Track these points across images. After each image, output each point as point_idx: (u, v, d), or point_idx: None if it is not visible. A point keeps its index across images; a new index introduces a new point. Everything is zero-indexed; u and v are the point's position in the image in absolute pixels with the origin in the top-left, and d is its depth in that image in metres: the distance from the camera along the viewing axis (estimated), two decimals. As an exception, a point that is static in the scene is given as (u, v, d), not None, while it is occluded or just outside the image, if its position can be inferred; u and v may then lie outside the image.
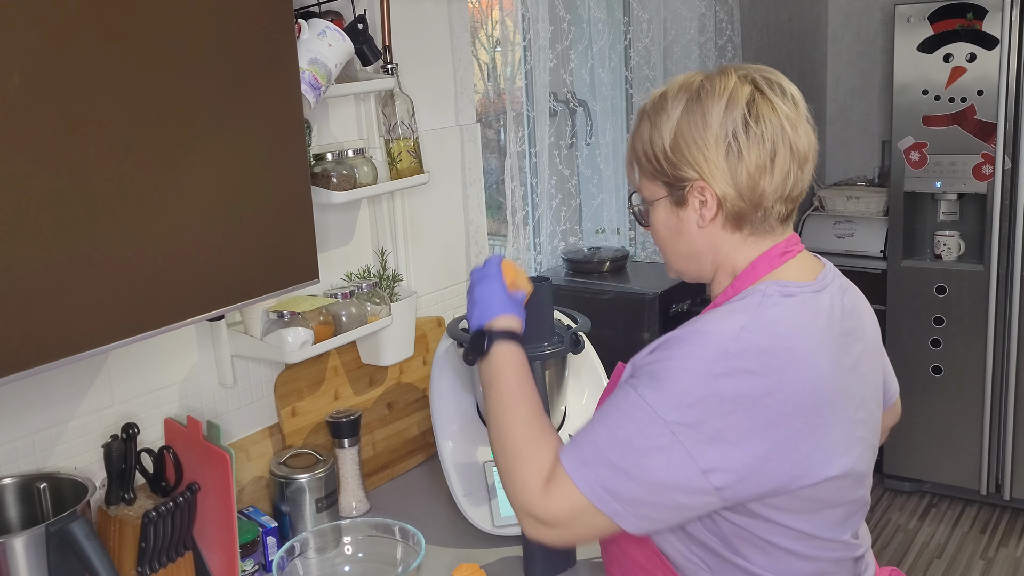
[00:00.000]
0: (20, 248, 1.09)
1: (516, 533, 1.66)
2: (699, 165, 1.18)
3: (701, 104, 1.18)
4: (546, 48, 2.55)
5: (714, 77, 1.21)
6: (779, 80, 1.22)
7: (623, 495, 1.11)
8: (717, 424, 1.09)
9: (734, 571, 1.20)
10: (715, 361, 1.10)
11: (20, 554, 1.24)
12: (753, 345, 1.11)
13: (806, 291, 1.20)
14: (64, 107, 1.11)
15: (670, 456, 1.09)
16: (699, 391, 1.09)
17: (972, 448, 3.71)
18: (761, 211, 1.20)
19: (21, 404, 1.44)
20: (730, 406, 1.09)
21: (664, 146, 1.21)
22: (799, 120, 1.20)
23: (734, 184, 1.18)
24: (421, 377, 2.12)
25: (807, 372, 1.13)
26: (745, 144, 1.17)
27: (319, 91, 1.63)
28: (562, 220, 2.78)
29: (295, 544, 1.54)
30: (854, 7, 4.46)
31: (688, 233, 1.24)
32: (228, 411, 1.77)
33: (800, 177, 1.21)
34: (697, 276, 1.29)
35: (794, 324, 1.16)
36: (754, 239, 1.23)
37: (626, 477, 1.11)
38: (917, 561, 3.43)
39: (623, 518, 1.12)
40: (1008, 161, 3.42)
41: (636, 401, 1.12)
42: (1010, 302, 3.51)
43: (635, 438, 1.11)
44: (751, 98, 1.18)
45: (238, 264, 1.35)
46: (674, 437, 1.09)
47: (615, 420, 1.14)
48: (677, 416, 1.09)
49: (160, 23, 1.20)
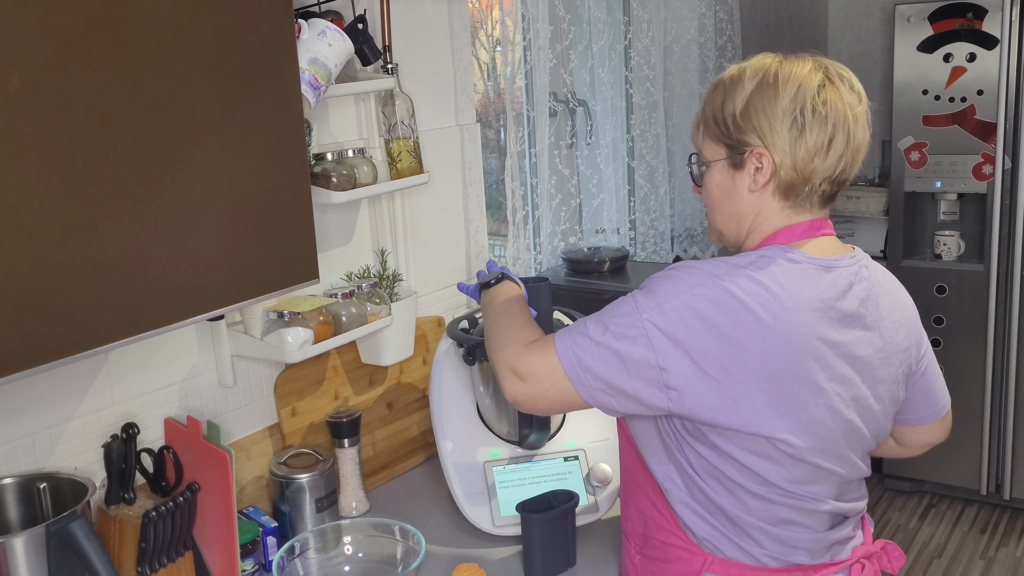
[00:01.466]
0: (20, 248, 1.09)
1: (516, 533, 1.66)
2: (763, 133, 1.30)
3: (776, 81, 1.30)
4: (546, 48, 2.55)
5: (791, 60, 1.33)
6: (849, 76, 1.33)
7: (588, 365, 1.27)
8: (684, 336, 1.23)
9: (703, 499, 1.34)
10: (700, 283, 1.25)
11: (20, 554, 1.24)
12: (739, 286, 1.24)
13: (811, 263, 1.30)
14: (64, 107, 1.11)
15: (635, 344, 1.25)
16: (676, 301, 1.25)
17: (972, 448, 3.71)
18: (809, 186, 1.31)
19: (21, 404, 1.44)
20: (699, 324, 1.23)
21: (735, 111, 1.32)
22: (861, 113, 1.31)
23: (792, 156, 1.29)
24: (421, 377, 2.12)
25: (778, 328, 1.23)
26: (810, 122, 1.28)
27: (319, 91, 1.63)
28: (562, 220, 2.78)
29: (295, 544, 1.54)
30: (854, 7, 4.46)
31: (738, 195, 1.36)
32: (228, 411, 1.77)
33: (851, 164, 1.32)
34: (735, 238, 1.40)
35: (784, 283, 1.26)
36: (791, 212, 1.34)
37: (596, 350, 1.27)
38: (917, 561, 3.43)
39: (583, 386, 1.28)
40: (1008, 161, 3.42)
41: (627, 300, 1.30)
42: (1010, 302, 3.51)
43: (613, 325, 1.27)
44: (822, 84, 1.29)
45: (238, 264, 1.35)
46: (644, 331, 1.25)
47: (606, 312, 1.31)
48: (651, 316, 1.25)
49: (160, 23, 1.20)
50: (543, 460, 1.76)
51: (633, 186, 3.09)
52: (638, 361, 1.25)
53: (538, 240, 2.71)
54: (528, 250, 2.66)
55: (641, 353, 1.25)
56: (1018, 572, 3.33)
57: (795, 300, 1.25)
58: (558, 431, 1.81)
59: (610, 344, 1.26)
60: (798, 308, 1.25)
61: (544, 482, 1.73)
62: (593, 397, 1.29)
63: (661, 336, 1.24)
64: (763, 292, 1.24)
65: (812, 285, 1.28)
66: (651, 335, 1.24)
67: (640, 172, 3.09)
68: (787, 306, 1.24)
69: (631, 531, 1.49)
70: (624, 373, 1.26)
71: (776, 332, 1.23)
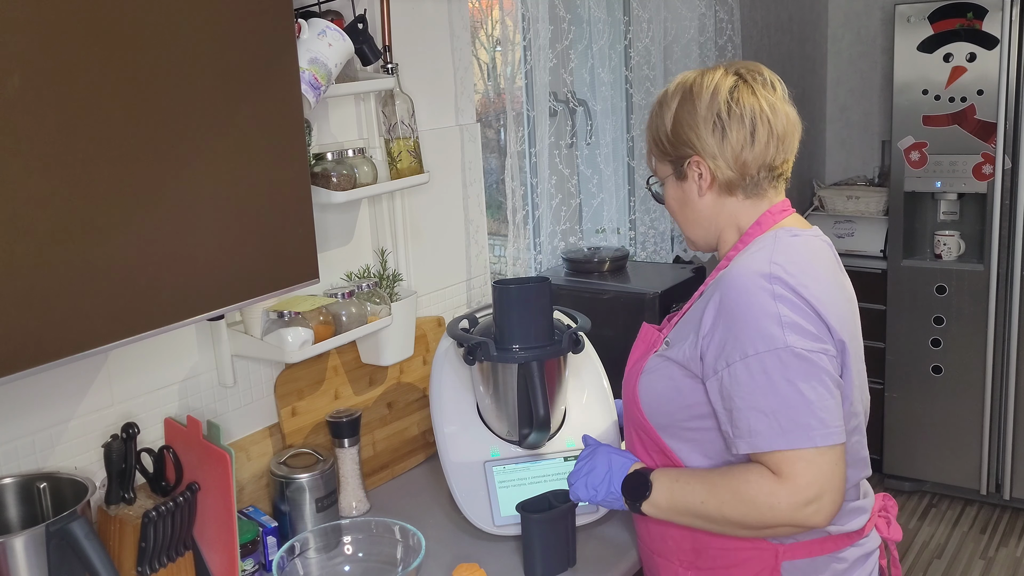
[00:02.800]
0: (20, 248, 1.09)
1: (516, 533, 1.66)
2: (693, 143, 1.43)
3: (692, 95, 1.43)
4: (546, 48, 2.55)
5: (705, 72, 1.45)
6: (759, 70, 1.45)
7: (818, 417, 1.27)
8: (809, 327, 1.30)
9: None
10: (766, 287, 1.30)
11: (20, 554, 1.24)
12: (783, 268, 1.32)
13: (808, 234, 1.44)
14: (64, 107, 1.11)
15: (812, 366, 1.28)
16: (776, 308, 1.29)
17: (972, 448, 3.71)
18: (747, 178, 1.43)
19: (21, 404, 1.44)
20: (802, 306, 1.30)
21: (667, 129, 1.46)
22: (776, 101, 1.42)
23: (722, 156, 1.41)
24: (421, 377, 2.12)
25: (826, 292, 1.35)
26: (728, 123, 1.40)
27: (319, 91, 1.63)
28: (562, 220, 2.78)
29: (295, 544, 1.54)
30: (854, 7, 4.46)
31: (692, 202, 1.48)
32: (228, 411, 1.77)
33: (781, 147, 1.43)
34: (705, 241, 1.51)
35: (805, 254, 1.38)
36: (750, 201, 1.45)
37: (802, 412, 1.27)
38: (917, 561, 3.43)
39: (836, 433, 1.27)
40: (1008, 161, 3.42)
41: (750, 365, 1.29)
42: (1010, 302, 3.51)
43: (779, 383, 1.27)
44: (733, 86, 1.41)
45: (238, 264, 1.35)
46: (801, 351, 1.28)
47: (752, 390, 1.29)
48: (787, 340, 1.28)
49: (160, 23, 1.20)
50: (543, 460, 1.76)
51: (633, 186, 3.09)
52: (825, 371, 1.30)
53: (538, 240, 2.71)
54: (528, 250, 2.66)
55: (818, 368, 1.30)
56: (1018, 572, 3.33)
57: (819, 268, 1.39)
58: (558, 431, 1.81)
59: (800, 393, 1.28)
60: (824, 274, 1.38)
61: (544, 482, 1.73)
62: (842, 429, 1.30)
63: (805, 339, 1.29)
64: (800, 266, 1.35)
65: (821, 253, 1.43)
66: (804, 347, 1.29)
67: (640, 172, 3.08)
68: (817, 273, 1.36)
69: (673, 548, 1.48)
70: (827, 392, 1.29)
71: (825, 300, 1.34)
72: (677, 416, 1.42)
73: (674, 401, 1.42)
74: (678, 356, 1.40)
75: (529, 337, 1.69)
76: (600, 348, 1.93)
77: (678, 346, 1.41)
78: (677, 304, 2.36)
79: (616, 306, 2.33)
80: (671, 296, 2.33)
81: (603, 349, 1.93)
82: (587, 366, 1.89)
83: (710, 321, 1.34)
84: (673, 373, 1.41)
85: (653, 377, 1.45)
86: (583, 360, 1.89)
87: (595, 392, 1.87)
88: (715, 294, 1.35)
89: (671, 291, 2.33)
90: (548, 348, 1.69)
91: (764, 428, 1.28)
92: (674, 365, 1.41)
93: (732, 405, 1.31)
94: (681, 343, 1.40)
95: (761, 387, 1.28)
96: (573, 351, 1.73)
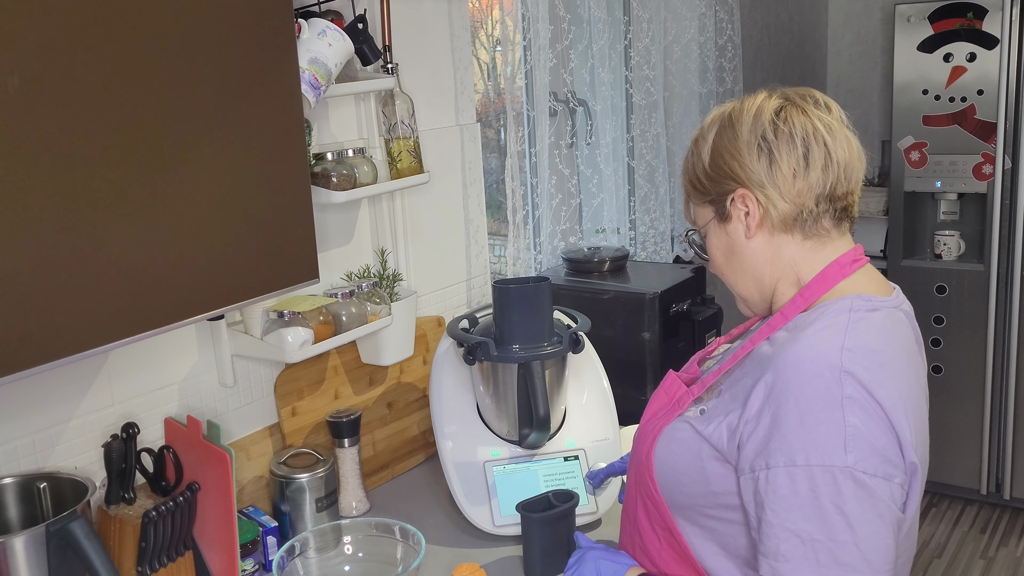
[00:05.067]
0: (20, 248, 1.09)
1: (516, 533, 1.66)
2: (736, 173, 1.19)
3: (732, 120, 1.21)
4: (546, 48, 2.55)
5: (745, 98, 1.23)
6: (810, 92, 1.23)
7: (859, 565, 1.05)
8: (879, 445, 1.06)
9: None
10: (834, 385, 1.07)
11: (20, 554, 1.24)
12: (858, 360, 1.09)
13: (887, 306, 1.18)
14: (64, 107, 1.11)
15: (872, 496, 1.05)
16: (843, 413, 1.06)
17: (972, 448, 3.71)
18: (805, 211, 1.18)
19: (21, 404, 1.44)
20: (876, 414, 1.06)
21: (704, 165, 1.23)
22: (833, 122, 1.19)
23: (773, 185, 1.17)
24: (421, 377, 2.12)
25: (906, 395, 1.12)
26: (775, 144, 1.17)
27: (319, 91, 1.63)
28: (562, 220, 2.78)
29: (295, 544, 1.54)
30: (854, 7, 4.46)
31: (739, 247, 1.23)
32: (228, 411, 1.77)
33: (842, 177, 1.18)
34: (762, 296, 1.25)
35: (885, 338, 1.14)
36: (811, 244, 1.20)
37: (847, 550, 1.05)
38: (917, 561, 3.43)
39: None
40: (1008, 161, 3.42)
41: (795, 476, 1.06)
42: (1010, 302, 3.51)
43: (827, 508, 1.04)
44: (779, 107, 1.19)
45: (238, 264, 1.35)
46: (862, 475, 1.05)
47: (791, 507, 1.06)
48: (848, 459, 1.05)
49: (160, 23, 1.20)
50: (543, 460, 1.76)
51: (633, 186, 3.09)
52: (877, 496, 1.06)
53: (538, 240, 2.71)
54: (528, 250, 2.66)
55: (885, 494, 1.07)
56: (1018, 572, 3.33)
57: (896, 357, 1.14)
58: (558, 431, 1.81)
59: (846, 516, 1.05)
60: (902, 364, 1.15)
61: (544, 482, 1.73)
62: (892, 573, 1.08)
63: (874, 460, 1.06)
64: (876, 360, 1.10)
65: (900, 331, 1.18)
66: (859, 471, 1.06)
67: (640, 172, 3.08)
68: (895, 365, 1.13)
69: None
70: (884, 530, 1.06)
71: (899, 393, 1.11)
72: (698, 500, 1.19)
73: (697, 484, 1.18)
74: (712, 435, 1.15)
75: (529, 337, 1.69)
76: (600, 348, 1.93)
77: (715, 422, 1.15)
78: (677, 305, 2.35)
79: (616, 306, 2.33)
80: (671, 296, 2.33)
81: (603, 349, 1.93)
82: (587, 366, 1.89)
83: (756, 405, 1.10)
84: (702, 452, 1.16)
85: (675, 448, 1.20)
86: (583, 360, 1.89)
87: (595, 392, 1.87)
88: (767, 373, 1.11)
89: (671, 291, 2.33)
90: (548, 348, 1.69)
91: (797, 556, 1.05)
92: (704, 443, 1.16)
93: (763, 516, 1.08)
94: (719, 419, 1.15)
95: (804, 506, 1.05)
96: (573, 351, 1.73)
